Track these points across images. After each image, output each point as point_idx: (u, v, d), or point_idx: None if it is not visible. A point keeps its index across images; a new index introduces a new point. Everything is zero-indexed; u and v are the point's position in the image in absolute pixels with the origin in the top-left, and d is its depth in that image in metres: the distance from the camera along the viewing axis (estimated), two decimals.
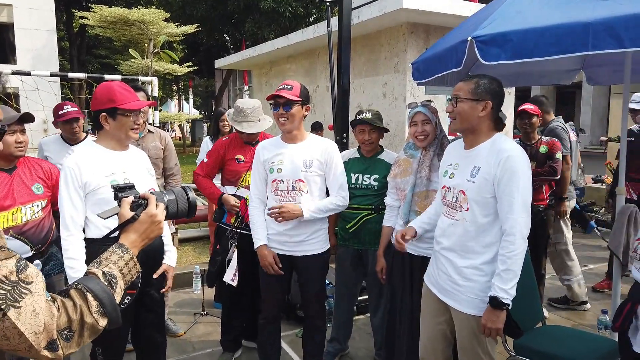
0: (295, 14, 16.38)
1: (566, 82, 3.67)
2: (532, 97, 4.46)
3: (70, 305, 0.98)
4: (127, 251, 1.14)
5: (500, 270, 1.98)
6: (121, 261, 1.11)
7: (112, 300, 1.03)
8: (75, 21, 20.37)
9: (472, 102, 2.07)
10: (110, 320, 1.03)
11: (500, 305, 1.97)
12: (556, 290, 4.70)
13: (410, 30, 6.11)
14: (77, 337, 0.97)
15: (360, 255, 3.17)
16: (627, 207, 2.72)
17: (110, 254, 1.12)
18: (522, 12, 2.24)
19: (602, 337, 2.86)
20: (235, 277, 3.06)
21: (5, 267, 0.89)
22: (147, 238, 1.22)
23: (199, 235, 6.43)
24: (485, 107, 2.07)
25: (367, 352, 3.48)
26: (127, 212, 1.22)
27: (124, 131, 2.21)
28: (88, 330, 0.99)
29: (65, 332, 0.95)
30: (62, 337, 0.95)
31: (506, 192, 1.98)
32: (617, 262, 2.86)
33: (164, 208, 1.29)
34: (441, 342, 2.34)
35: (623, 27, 1.86)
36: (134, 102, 2.19)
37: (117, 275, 1.08)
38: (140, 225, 1.20)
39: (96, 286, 1.02)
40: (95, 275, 1.06)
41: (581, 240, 6.57)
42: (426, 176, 2.64)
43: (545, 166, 3.96)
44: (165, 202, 1.33)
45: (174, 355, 3.45)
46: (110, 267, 1.08)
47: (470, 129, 2.13)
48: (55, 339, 0.93)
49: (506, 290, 1.96)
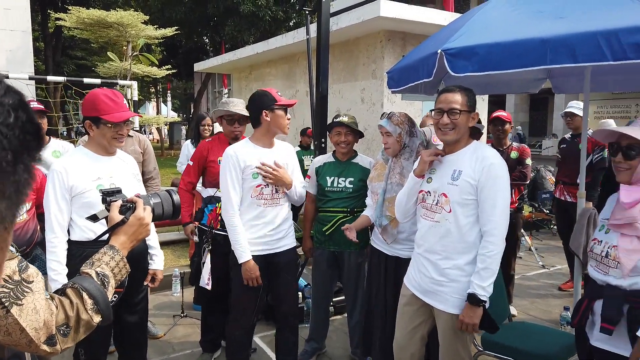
0: (275, 18, 16.47)
1: (533, 91, 3.86)
2: None
3: (67, 303, 1.06)
4: (118, 252, 1.22)
5: (479, 268, 2.13)
6: (112, 262, 1.19)
7: (105, 298, 1.12)
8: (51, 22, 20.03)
9: (467, 113, 2.22)
10: (104, 317, 1.11)
11: (478, 302, 2.11)
12: (524, 290, 4.90)
13: (387, 38, 6.27)
14: (73, 333, 1.05)
15: (336, 257, 3.28)
16: (586, 210, 2.89)
17: (102, 255, 1.20)
18: (488, 27, 2.39)
19: (564, 332, 3.03)
20: (209, 280, 3.13)
21: (9, 267, 0.97)
22: (136, 239, 1.30)
23: (177, 239, 6.45)
24: (474, 118, 2.24)
25: (344, 351, 3.59)
26: (117, 216, 1.30)
27: (106, 140, 2.28)
28: (83, 327, 1.07)
29: (62, 328, 1.03)
30: (60, 332, 1.02)
31: (489, 196, 2.13)
32: (578, 262, 3.03)
33: (150, 211, 1.37)
34: (417, 341, 2.45)
35: (578, 43, 2.02)
36: (117, 114, 2.24)
37: (109, 275, 1.16)
38: (129, 227, 1.28)
39: (90, 285, 1.10)
40: (89, 275, 1.14)
41: (550, 242, 6.83)
42: (397, 182, 2.75)
43: (516, 171, 4.16)
44: (151, 204, 1.41)
45: (154, 356, 3.49)
46: (102, 268, 1.16)
47: (461, 137, 2.26)
48: (54, 334, 1.01)
49: (484, 287, 2.11)
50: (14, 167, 0.36)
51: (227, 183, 2.68)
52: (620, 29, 1.93)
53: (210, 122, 4.74)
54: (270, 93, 2.72)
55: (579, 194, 3.05)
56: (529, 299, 4.70)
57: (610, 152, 1.96)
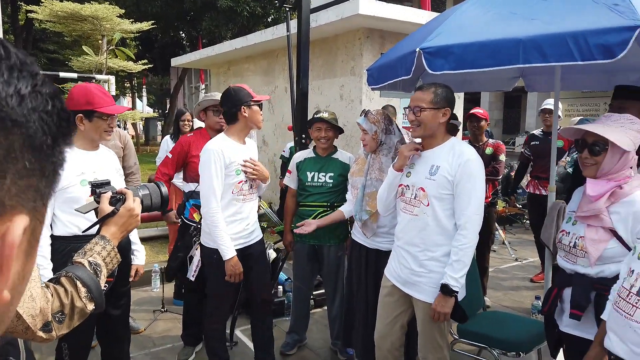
0: (253, 13, 16.39)
1: (507, 89, 3.99)
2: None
3: (62, 291, 1.09)
4: (109, 242, 1.25)
5: (452, 260, 2.23)
6: (104, 251, 1.22)
7: (98, 286, 1.15)
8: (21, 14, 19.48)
9: (433, 110, 2.30)
10: (97, 304, 1.14)
11: (450, 292, 2.21)
12: (498, 282, 5.07)
13: (366, 35, 6.34)
14: (68, 320, 1.09)
15: (316, 250, 3.34)
16: (556, 204, 3.01)
17: (93, 245, 1.23)
18: (463, 27, 2.47)
19: (535, 320, 3.16)
20: (195, 272, 3.16)
21: None
22: (126, 230, 1.33)
23: (156, 235, 6.43)
24: (445, 114, 2.31)
25: (324, 343, 3.66)
26: (107, 207, 1.33)
27: (99, 133, 2.30)
28: (78, 314, 1.10)
29: (58, 315, 1.06)
30: (55, 319, 1.06)
31: (464, 191, 2.23)
32: (549, 253, 3.16)
33: (140, 202, 1.40)
34: (398, 330, 2.55)
35: (549, 44, 2.12)
36: (112, 107, 2.29)
37: (101, 264, 1.20)
38: (120, 218, 1.31)
39: (84, 274, 1.13)
40: (82, 265, 1.17)
41: (522, 235, 7.04)
42: (376, 177, 2.82)
43: (489, 167, 4.29)
44: (140, 196, 1.44)
45: (135, 351, 3.49)
46: (94, 257, 1.20)
47: (432, 134, 2.36)
48: (50, 321, 1.04)
49: (456, 278, 2.21)
50: (53, 150, 0.41)
51: (211, 178, 2.65)
52: (588, 31, 2.04)
53: (190, 117, 4.74)
54: (245, 89, 2.74)
55: (550, 188, 3.17)
56: (502, 290, 4.87)
57: (577, 149, 2.07)
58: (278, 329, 3.83)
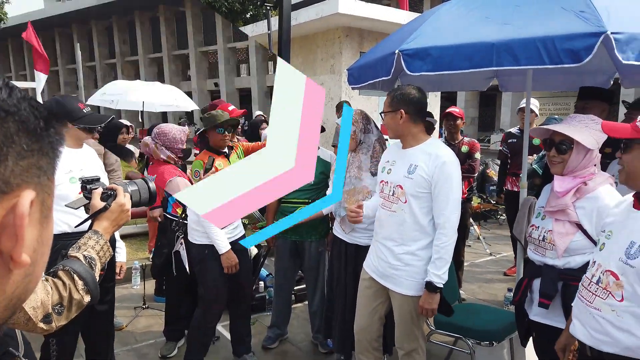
0: (232, 9, 16.31)
1: (482, 89, 4.12)
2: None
3: (60, 284, 1.14)
4: (102, 237, 1.30)
5: (434, 258, 2.33)
6: (97, 246, 1.27)
7: (94, 279, 1.20)
8: None
9: (390, 113, 2.41)
10: (93, 296, 1.19)
11: (435, 289, 2.32)
12: (472, 275, 5.23)
13: (345, 34, 6.42)
14: (66, 312, 1.14)
15: (297, 246, 3.41)
16: (528, 199, 3.15)
17: (87, 239, 1.27)
18: (440, 30, 2.58)
19: (507, 311, 3.30)
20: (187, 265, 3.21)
21: None
22: (117, 225, 1.37)
23: (135, 232, 6.38)
24: (401, 115, 2.38)
25: (305, 336, 3.74)
26: (98, 202, 1.36)
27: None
28: (75, 306, 1.15)
29: (57, 307, 1.11)
30: (55, 311, 1.11)
31: (442, 192, 2.32)
32: (520, 247, 3.30)
33: (129, 198, 1.45)
34: (376, 322, 2.64)
35: (520, 48, 2.23)
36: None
37: (95, 258, 1.24)
38: (112, 213, 1.35)
39: (80, 268, 1.18)
40: (77, 258, 1.21)
41: (496, 231, 7.24)
42: (355, 175, 2.90)
43: (465, 164, 4.42)
44: (129, 192, 1.48)
45: (118, 347, 3.50)
46: (89, 251, 1.24)
47: (398, 135, 2.46)
48: (50, 313, 1.09)
49: (439, 275, 2.31)
50: (47, 131, 0.48)
51: None
52: (557, 36, 2.15)
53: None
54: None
55: (521, 185, 3.31)
56: (477, 283, 5.02)
57: (544, 147, 2.19)
58: (260, 324, 3.89)
